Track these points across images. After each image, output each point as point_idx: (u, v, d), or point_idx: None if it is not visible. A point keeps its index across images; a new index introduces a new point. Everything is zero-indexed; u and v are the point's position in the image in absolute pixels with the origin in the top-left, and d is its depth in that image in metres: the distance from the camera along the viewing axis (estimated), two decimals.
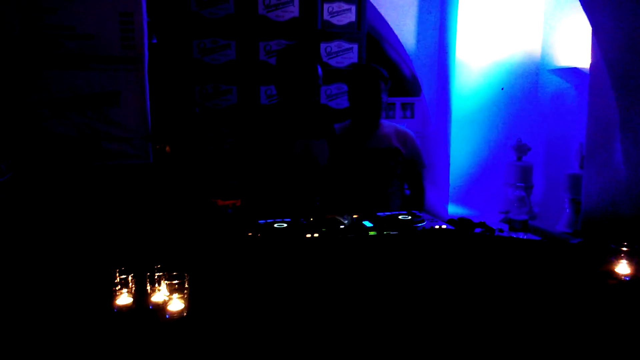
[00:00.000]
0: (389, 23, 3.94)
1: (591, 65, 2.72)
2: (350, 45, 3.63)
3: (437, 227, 2.00)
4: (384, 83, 2.48)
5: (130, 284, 1.38)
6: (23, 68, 2.90)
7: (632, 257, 1.55)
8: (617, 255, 1.57)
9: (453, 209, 3.99)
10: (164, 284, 1.34)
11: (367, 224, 2.01)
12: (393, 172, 2.54)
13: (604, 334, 1.28)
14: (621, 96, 2.48)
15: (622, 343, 1.25)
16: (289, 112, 2.30)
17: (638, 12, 2.28)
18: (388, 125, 2.62)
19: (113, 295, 1.35)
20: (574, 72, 3.49)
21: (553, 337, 1.26)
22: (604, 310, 1.41)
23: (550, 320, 1.33)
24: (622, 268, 1.55)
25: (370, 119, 2.52)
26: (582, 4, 2.59)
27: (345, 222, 1.92)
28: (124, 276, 1.37)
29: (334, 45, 3.60)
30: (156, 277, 1.37)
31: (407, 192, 2.80)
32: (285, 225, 1.95)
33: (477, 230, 2.07)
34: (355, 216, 2.09)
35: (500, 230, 2.19)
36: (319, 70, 2.26)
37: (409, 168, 2.60)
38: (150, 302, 1.36)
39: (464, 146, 3.95)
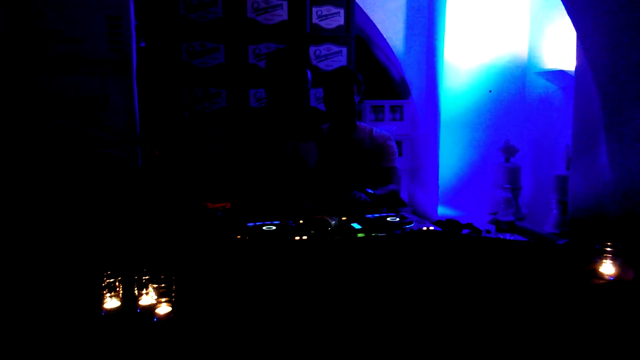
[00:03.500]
0: (378, 27, 3.97)
1: (576, 68, 2.76)
2: (339, 49, 3.65)
3: (424, 228, 2.01)
4: (356, 86, 2.47)
5: (118, 288, 1.38)
6: (11, 72, 2.88)
7: (616, 257, 1.57)
8: (601, 256, 1.59)
9: (443, 211, 4.02)
10: (151, 287, 1.35)
11: (356, 225, 2.02)
12: (364, 174, 2.51)
13: (589, 333, 1.30)
14: (606, 98, 2.52)
15: (607, 342, 1.27)
16: (279, 115, 2.32)
17: (620, 16, 2.32)
18: (365, 127, 2.59)
19: (101, 299, 1.35)
20: (560, 74, 3.53)
21: (539, 336, 1.27)
22: (589, 310, 1.43)
23: (536, 320, 1.35)
24: (607, 268, 1.57)
25: (343, 121, 2.52)
26: (566, 9, 2.63)
27: (333, 223, 1.94)
28: (112, 280, 1.37)
29: (323, 49, 3.61)
30: (144, 280, 1.37)
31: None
32: (274, 227, 1.96)
33: (465, 231, 2.09)
34: (343, 218, 2.10)
35: (488, 232, 2.22)
36: (309, 74, 2.27)
37: (375, 165, 2.52)
38: (138, 305, 1.36)
39: (452, 148, 3.98)
